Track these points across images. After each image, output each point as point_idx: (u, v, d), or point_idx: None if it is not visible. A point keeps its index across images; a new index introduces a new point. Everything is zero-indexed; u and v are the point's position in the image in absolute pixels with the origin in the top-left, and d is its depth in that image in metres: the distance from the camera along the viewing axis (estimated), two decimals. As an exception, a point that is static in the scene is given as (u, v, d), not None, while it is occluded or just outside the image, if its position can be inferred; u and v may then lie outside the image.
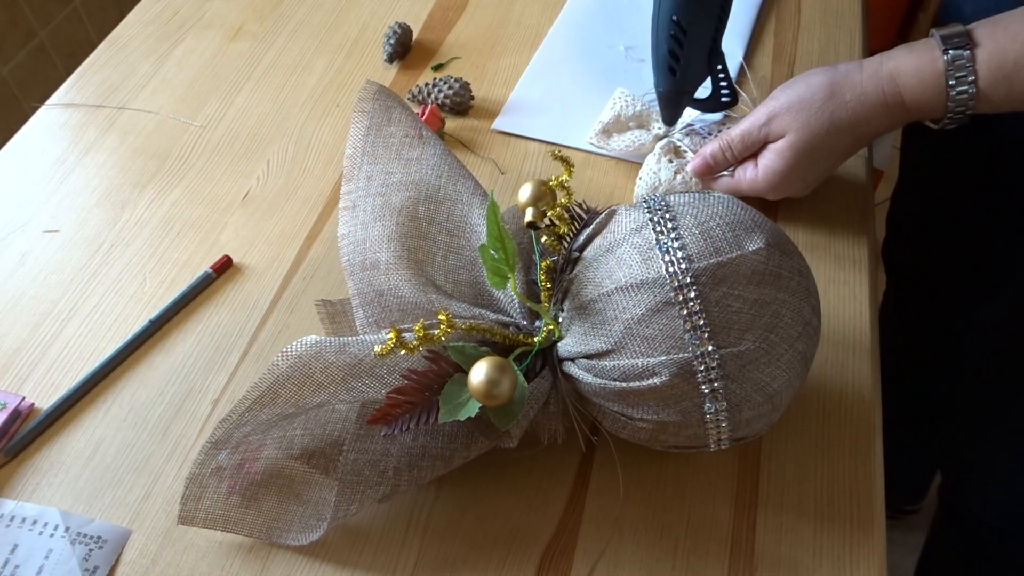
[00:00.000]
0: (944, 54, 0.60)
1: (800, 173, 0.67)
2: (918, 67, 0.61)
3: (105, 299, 0.70)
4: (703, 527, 0.56)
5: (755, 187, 0.69)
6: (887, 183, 1.76)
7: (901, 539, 1.30)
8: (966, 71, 0.59)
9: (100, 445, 0.61)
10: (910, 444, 1.24)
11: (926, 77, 0.61)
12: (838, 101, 0.64)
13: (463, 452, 0.54)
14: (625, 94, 0.76)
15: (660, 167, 0.72)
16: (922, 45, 0.62)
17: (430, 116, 0.78)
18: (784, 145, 0.66)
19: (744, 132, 0.68)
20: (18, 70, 1.42)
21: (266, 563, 0.55)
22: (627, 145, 0.76)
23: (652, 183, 0.72)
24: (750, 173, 0.69)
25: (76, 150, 0.81)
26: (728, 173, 0.71)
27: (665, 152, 0.73)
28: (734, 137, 0.68)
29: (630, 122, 0.76)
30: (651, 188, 0.72)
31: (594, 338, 0.51)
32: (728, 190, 0.70)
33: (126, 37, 0.92)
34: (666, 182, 0.71)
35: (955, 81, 0.60)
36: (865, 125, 0.64)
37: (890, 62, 0.63)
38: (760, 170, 0.68)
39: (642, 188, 0.73)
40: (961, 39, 0.60)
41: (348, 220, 0.60)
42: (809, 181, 0.69)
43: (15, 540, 0.56)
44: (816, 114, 0.64)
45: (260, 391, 0.52)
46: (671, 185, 0.71)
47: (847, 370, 0.63)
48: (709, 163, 0.70)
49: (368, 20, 0.93)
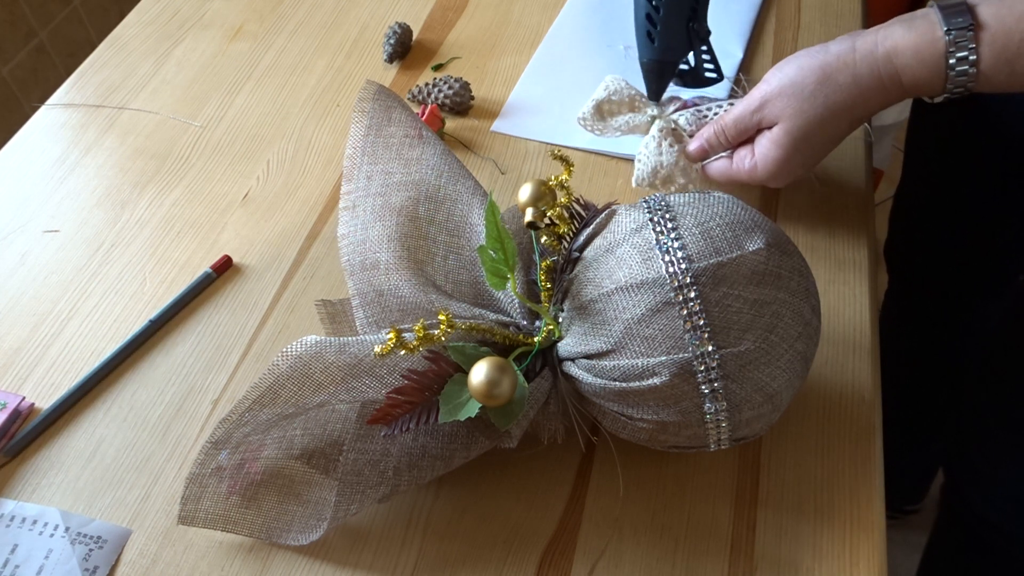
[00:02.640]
0: (946, 34, 0.57)
1: (799, 159, 0.65)
2: (917, 46, 0.58)
3: (105, 299, 0.70)
4: (703, 527, 0.56)
5: (754, 176, 0.66)
6: (887, 183, 1.76)
7: (901, 539, 1.30)
8: (968, 51, 0.56)
9: (100, 445, 0.61)
10: (910, 444, 1.24)
11: (926, 57, 0.58)
12: (831, 84, 0.61)
13: (463, 452, 0.54)
14: (617, 79, 0.73)
15: (662, 151, 0.70)
16: (921, 20, 0.59)
17: (430, 116, 0.78)
18: (779, 133, 0.64)
19: (737, 118, 0.66)
20: (18, 70, 1.42)
21: (266, 563, 0.55)
22: (621, 126, 0.73)
23: (653, 166, 0.69)
24: (748, 163, 0.66)
25: (76, 150, 0.81)
26: (726, 155, 0.68)
27: (665, 135, 0.70)
28: (728, 123, 0.66)
29: (622, 106, 0.73)
30: (652, 172, 0.70)
31: (594, 338, 0.51)
32: (725, 177, 0.68)
33: (126, 37, 0.92)
34: (668, 167, 0.69)
35: (956, 61, 0.57)
36: (862, 106, 0.62)
37: (887, 41, 0.60)
38: (758, 159, 0.65)
39: (642, 171, 0.70)
40: (963, 16, 0.57)
41: (348, 220, 0.60)
42: (808, 165, 0.66)
43: (15, 540, 0.56)
44: (809, 99, 0.62)
45: (260, 391, 0.52)
46: (672, 171, 0.69)
47: (847, 370, 0.63)
48: (705, 148, 0.68)
49: (368, 20, 0.93)
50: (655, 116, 0.71)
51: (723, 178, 0.68)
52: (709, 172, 0.69)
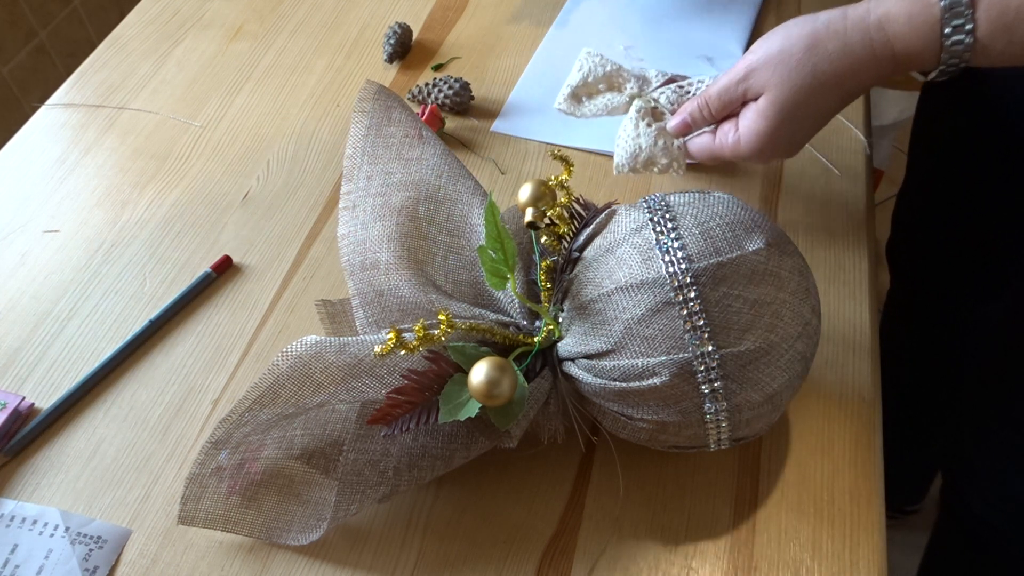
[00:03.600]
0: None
1: (785, 134, 0.61)
2: (911, 12, 0.55)
3: (105, 299, 0.70)
4: (703, 527, 0.56)
5: (738, 152, 0.62)
6: (887, 183, 1.76)
7: (901, 539, 1.30)
8: (964, 18, 0.54)
9: (100, 445, 0.61)
10: (910, 444, 1.24)
11: (919, 25, 0.55)
12: (820, 53, 0.58)
13: (463, 452, 0.54)
14: (592, 54, 0.69)
15: (639, 132, 0.67)
16: None
17: (430, 116, 0.78)
18: (764, 104, 0.60)
19: (722, 89, 0.62)
20: (18, 70, 1.41)
21: (266, 563, 0.55)
22: (600, 109, 0.69)
23: (632, 150, 0.66)
24: (731, 138, 0.62)
25: (76, 150, 0.81)
26: (709, 131, 0.64)
27: (643, 115, 0.67)
28: (712, 94, 0.62)
29: (600, 84, 0.69)
30: (631, 156, 0.66)
31: (594, 338, 0.51)
32: (708, 153, 0.64)
33: (126, 37, 0.92)
34: (647, 148, 0.65)
35: (951, 30, 0.54)
36: (852, 78, 0.59)
37: (879, 8, 0.57)
38: (742, 132, 0.62)
39: (621, 156, 0.66)
40: None
41: (348, 220, 0.60)
42: (796, 142, 0.62)
43: (15, 540, 0.56)
44: (796, 68, 0.58)
45: (260, 391, 0.52)
46: (652, 152, 0.66)
47: (847, 370, 0.63)
48: (687, 122, 0.64)
49: (368, 20, 0.93)
50: (635, 95, 0.68)
51: (706, 154, 0.65)
52: (691, 149, 0.66)
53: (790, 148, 0.63)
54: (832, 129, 0.78)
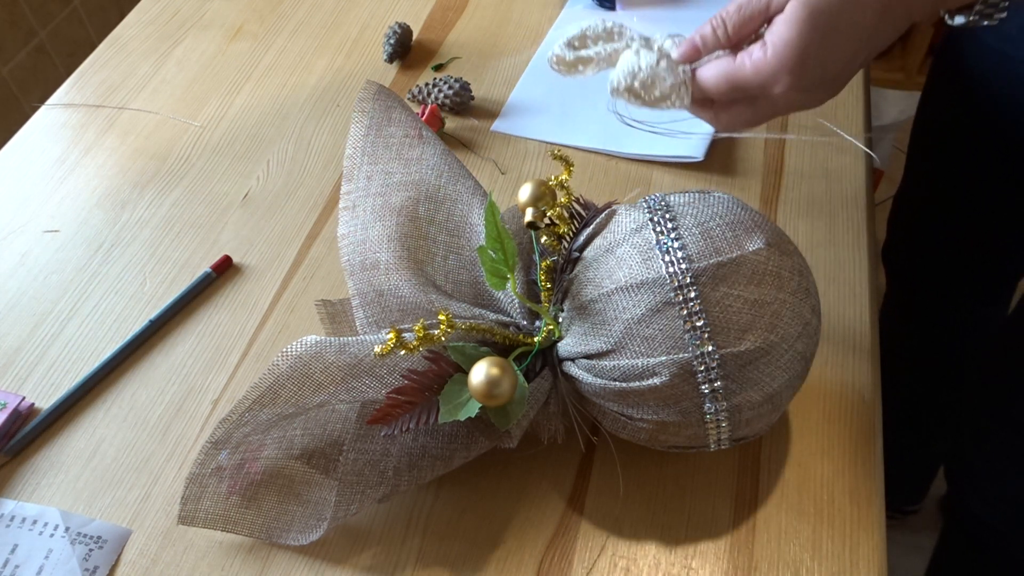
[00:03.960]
0: None
1: (817, 52, 0.50)
2: None
3: (105, 299, 0.70)
4: (703, 527, 0.56)
5: (761, 72, 0.52)
6: (887, 183, 1.76)
7: (901, 539, 1.30)
8: None
9: (100, 445, 0.61)
10: (910, 444, 1.24)
11: None
12: None
13: (463, 452, 0.54)
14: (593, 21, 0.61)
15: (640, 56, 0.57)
16: None
17: (430, 116, 0.78)
18: (793, 8, 0.50)
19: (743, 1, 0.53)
20: (18, 70, 1.41)
21: (266, 563, 0.55)
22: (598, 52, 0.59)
23: (631, 69, 0.57)
24: (757, 54, 0.52)
25: (76, 150, 0.81)
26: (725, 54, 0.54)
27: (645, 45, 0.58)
28: (731, 8, 0.53)
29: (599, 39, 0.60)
30: (629, 74, 0.57)
31: (594, 338, 0.51)
32: (724, 78, 0.53)
33: (126, 37, 0.92)
34: (647, 68, 0.57)
35: None
36: None
37: None
38: (769, 48, 0.51)
39: (618, 75, 0.58)
40: None
41: (348, 220, 0.60)
42: (829, 73, 0.52)
43: (15, 540, 0.56)
44: None
45: (260, 391, 0.52)
46: (654, 72, 0.56)
47: (847, 370, 0.63)
48: (696, 45, 0.55)
49: (368, 20, 0.93)
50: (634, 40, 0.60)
51: (721, 80, 0.53)
52: (702, 77, 0.55)
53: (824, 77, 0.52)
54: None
